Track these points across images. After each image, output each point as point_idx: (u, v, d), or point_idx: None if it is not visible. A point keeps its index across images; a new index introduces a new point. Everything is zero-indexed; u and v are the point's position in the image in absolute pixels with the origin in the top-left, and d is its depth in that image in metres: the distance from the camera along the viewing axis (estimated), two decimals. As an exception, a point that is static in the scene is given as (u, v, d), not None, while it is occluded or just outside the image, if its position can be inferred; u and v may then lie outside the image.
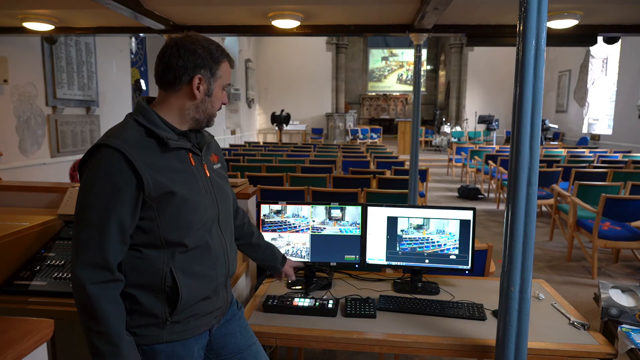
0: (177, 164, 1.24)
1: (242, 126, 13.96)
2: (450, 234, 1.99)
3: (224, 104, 1.36)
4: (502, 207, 6.97)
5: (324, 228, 2.05)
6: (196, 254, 1.25)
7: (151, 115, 1.23)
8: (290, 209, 2.06)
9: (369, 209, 2.05)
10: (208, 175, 1.32)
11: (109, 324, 1.11)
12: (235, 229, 1.61)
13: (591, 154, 8.42)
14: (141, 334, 1.21)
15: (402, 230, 2.02)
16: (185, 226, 1.22)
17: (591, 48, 11.76)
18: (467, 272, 2.01)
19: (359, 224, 2.04)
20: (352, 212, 2.04)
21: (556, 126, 13.00)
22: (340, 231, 2.04)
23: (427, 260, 2.01)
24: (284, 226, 2.06)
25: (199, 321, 1.29)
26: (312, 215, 2.05)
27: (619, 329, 1.58)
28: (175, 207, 1.20)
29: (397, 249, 2.03)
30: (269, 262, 1.78)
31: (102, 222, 1.13)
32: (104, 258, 1.13)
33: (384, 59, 20.14)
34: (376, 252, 2.05)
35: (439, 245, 2.00)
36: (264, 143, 11.38)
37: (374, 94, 19.90)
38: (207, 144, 1.37)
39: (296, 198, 4.25)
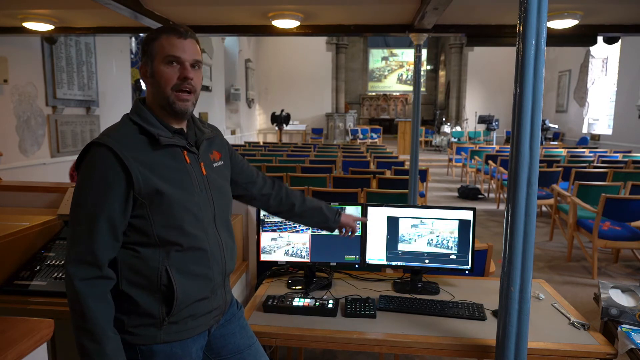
0: (171, 161, 1.23)
1: (242, 126, 13.96)
2: (450, 234, 1.99)
3: (185, 78, 1.22)
4: (502, 207, 6.97)
5: (324, 228, 2.04)
6: (192, 253, 1.25)
7: (145, 113, 1.24)
8: (290, 209, 2.05)
9: (369, 209, 2.05)
10: (205, 173, 1.31)
11: (95, 321, 1.11)
12: (275, 205, 1.62)
13: (591, 154, 8.41)
14: (139, 334, 1.21)
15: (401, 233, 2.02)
16: (179, 225, 1.22)
17: (591, 48, 11.76)
18: (467, 272, 2.01)
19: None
20: (352, 212, 2.04)
21: (556, 126, 13.00)
22: (340, 231, 2.04)
23: (427, 260, 2.01)
24: (284, 226, 2.06)
25: (197, 321, 1.29)
26: (312, 215, 2.04)
27: (619, 329, 1.58)
28: (167, 205, 1.20)
29: (397, 249, 2.03)
30: (321, 224, 1.71)
31: (92, 218, 1.14)
32: (93, 254, 1.13)
33: (384, 59, 20.14)
34: (376, 252, 2.05)
35: (439, 246, 2.00)
36: (264, 143, 11.37)
37: (374, 94, 19.90)
38: (207, 141, 1.36)
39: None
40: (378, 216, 2.04)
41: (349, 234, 1.78)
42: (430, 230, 2.01)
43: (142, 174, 1.16)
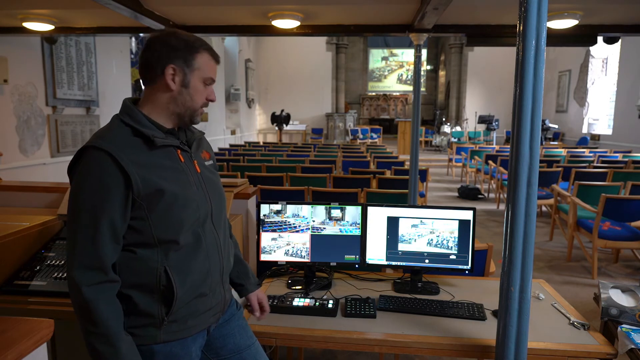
0: (166, 161, 1.24)
1: (242, 126, 13.96)
2: (450, 234, 1.99)
3: (211, 101, 1.31)
4: (502, 207, 6.97)
5: (324, 228, 2.05)
6: (189, 250, 1.25)
7: (136, 114, 1.24)
8: (290, 209, 2.06)
9: (369, 209, 2.05)
10: (199, 171, 1.32)
11: (107, 325, 1.11)
12: None
13: (591, 154, 8.41)
14: (138, 335, 1.21)
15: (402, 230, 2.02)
16: (178, 223, 1.22)
17: (591, 48, 11.76)
18: (467, 272, 2.01)
19: (359, 224, 2.04)
20: (352, 212, 2.04)
21: (556, 126, 13.00)
22: (340, 231, 2.04)
23: (427, 260, 2.01)
24: (284, 226, 2.06)
25: (196, 320, 1.29)
26: (312, 215, 2.05)
27: (619, 329, 1.58)
28: (166, 205, 1.20)
29: (397, 249, 2.03)
30: (239, 279, 1.56)
31: (93, 223, 1.13)
32: (98, 259, 1.13)
33: (384, 59, 20.14)
34: (376, 252, 2.05)
35: (439, 246, 2.00)
36: (264, 143, 11.38)
37: (374, 94, 19.90)
38: (197, 141, 1.37)
39: (296, 198, 4.25)
40: (378, 216, 2.04)
41: (253, 311, 1.60)
42: (430, 230, 2.01)
43: (141, 176, 1.16)
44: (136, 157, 1.17)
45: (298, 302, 1.82)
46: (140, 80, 1.28)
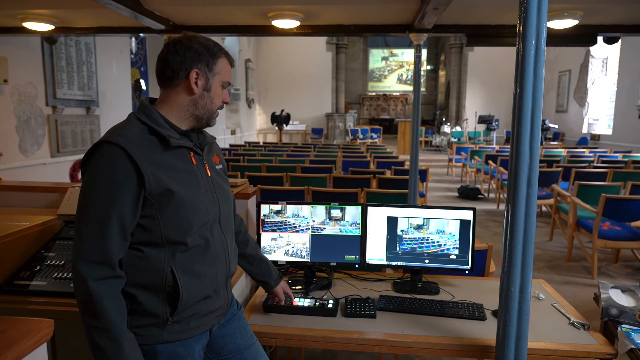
0: (178, 162, 1.24)
1: (242, 126, 13.96)
2: (450, 234, 1.99)
3: (226, 103, 1.35)
4: (502, 207, 6.97)
5: (324, 228, 2.05)
6: (197, 253, 1.25)
7: (153, 113, 1.24)
8: (290, 209, 2.06)
9: (369, 209, 2.05)
10: (209, 174, 1.33)
11: (111, 320, 1.11)
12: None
13: (591, 154, 8.41)
14: (142, 334, 1.21)
15: (402, 230, 2.02)
16: (186, 225, 1.22)
17: (591, 48, 11.76)
18: (467, 272, 2.01)
19: (359, 224, 2.04)
20: (352, 212, 2.04)
21: (556, 126, 13.00)
22: (340, 231, 2.04)
23: (427, 260, 2.01)
24: (284, 226, 2.06)
25: (200, 321, 1.29)
26: (312, 215, 2.05)
27: (619, 329, 1.58)
28: (175, 206, 1.20)
29: (397, 249, 2.03)
30: (262, 277, 1.68)
31: (103, 218, 1.13)
32: (105, 254, 1.13)
33: (384, 59, 20.14)
34: (376, 252, 2.05)
35: (439, 245, 2.00)
36: (264, 143, 11.37)
37: (374, 94, 19.90)
38: (209, 145, 1.38)
39: (296, 198, 4.25)
40: (378, 216, 2.04)
41: (280, 301, 1.75)
42: (430, 230, 2.00)
43: (153, 174, 1.16)
44: (150, 156, 1.17)
45: (298, 302, 1.81)
46: (157, 81, 1.28)
